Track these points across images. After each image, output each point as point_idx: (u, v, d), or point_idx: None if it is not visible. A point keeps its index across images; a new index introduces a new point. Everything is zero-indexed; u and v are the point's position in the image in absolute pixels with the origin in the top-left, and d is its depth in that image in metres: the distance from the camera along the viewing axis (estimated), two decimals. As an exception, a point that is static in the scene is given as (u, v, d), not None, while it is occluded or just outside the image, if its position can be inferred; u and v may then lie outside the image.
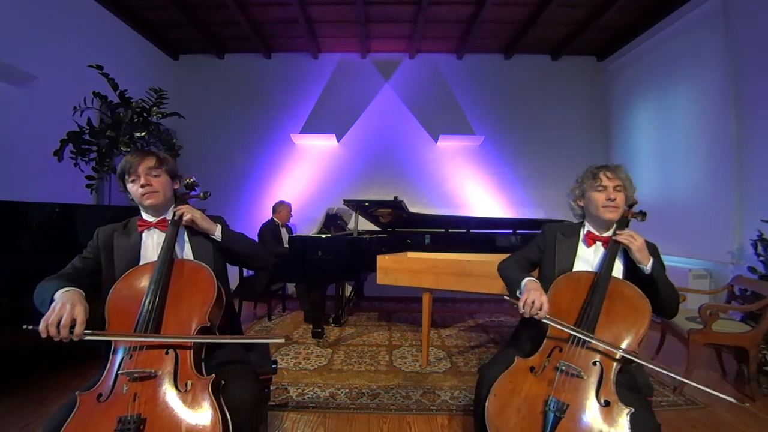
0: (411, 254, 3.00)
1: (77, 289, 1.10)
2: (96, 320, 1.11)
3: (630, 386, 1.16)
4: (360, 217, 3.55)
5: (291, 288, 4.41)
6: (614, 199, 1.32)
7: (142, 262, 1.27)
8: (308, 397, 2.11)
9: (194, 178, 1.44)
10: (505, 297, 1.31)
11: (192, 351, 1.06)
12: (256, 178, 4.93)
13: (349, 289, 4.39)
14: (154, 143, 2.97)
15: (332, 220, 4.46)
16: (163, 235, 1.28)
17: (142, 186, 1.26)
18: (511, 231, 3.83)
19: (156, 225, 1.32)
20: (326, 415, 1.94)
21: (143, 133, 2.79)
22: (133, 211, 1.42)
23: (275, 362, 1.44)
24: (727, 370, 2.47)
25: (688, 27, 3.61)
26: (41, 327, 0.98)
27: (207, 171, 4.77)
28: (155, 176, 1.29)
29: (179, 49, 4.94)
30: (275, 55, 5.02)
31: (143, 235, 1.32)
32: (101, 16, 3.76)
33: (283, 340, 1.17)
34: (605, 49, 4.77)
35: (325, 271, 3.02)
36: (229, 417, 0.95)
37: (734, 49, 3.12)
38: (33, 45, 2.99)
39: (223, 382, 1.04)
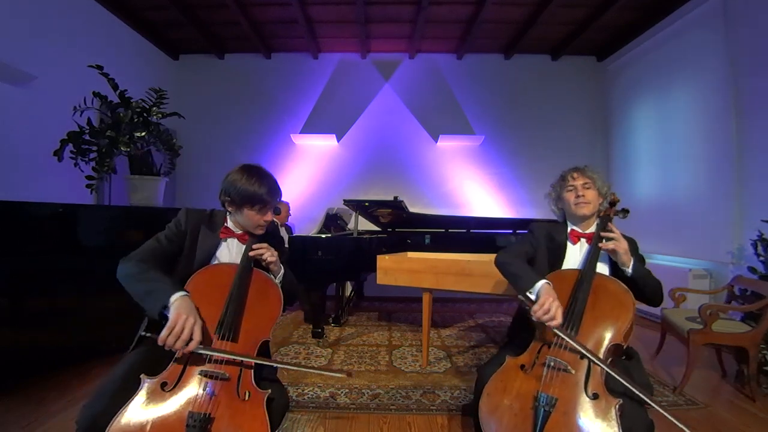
0: (411, 254, 3.00)
1: (188, 295, 1.09)
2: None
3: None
4: (360, 217, 3.55)
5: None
6: (583, 195, 1.42)
7: (214, 262, 1.29)
8: (308, 397, 2.11)
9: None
10: (519, 297, 1.29)
11: (255, 365, 1.09)
12: (256, 178, 4.92)
13: (349, 289, 4.39)
14: (154, 143, 2.97)
15: (332, 220, 4.46)
16: (239, 246, 1.34)
17: (266, 221, 1.32)
18: (511, 231, 3.83)
19: (238, 236, 1.35)
20: (326, 415, 1.94)
21: (143, 133, 2.79)
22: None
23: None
24: (727, 370, 2.47)
25: (688, 27, 3.61)
26: (163, 335, 0.98)
27: (207, 171, 4.78)
28: (274, 214, 1.36)
29: (179, 49, 4.94)
30: (275, 55, 5.02)
31: (222, 240, 1.34)
32: (101, 16, 3.76)
33: (344, 375, 1.26)
34: (605, 49, 4.77)
35: (325, 271, 3.02)
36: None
37: (734, 49, 3.12)
38: (33, 45, 2.99)
39: (272, 397, 1.07)
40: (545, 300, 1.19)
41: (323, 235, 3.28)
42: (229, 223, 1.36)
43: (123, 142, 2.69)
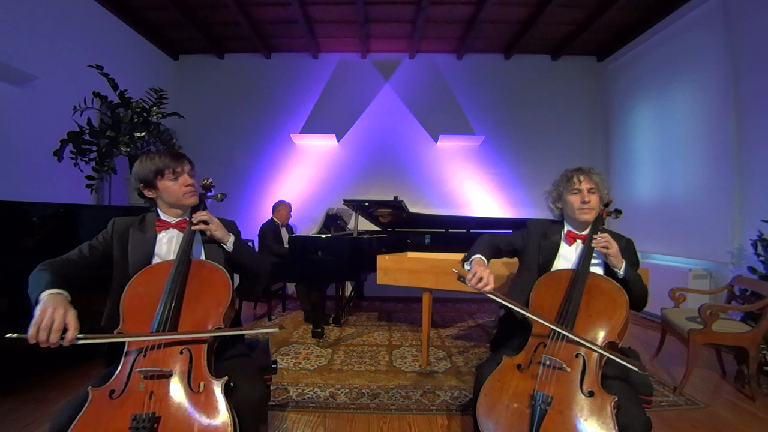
0: (411, 254, 3.00)
1: (63, 293, 1.05)
2: (100, 314, 1.10)
3: (622, 381, 1.16)
4: (360, 217, 3.54)
5: (291, 288, 4.41)
6: (588, 201, 1.40)
7: (155, 260, 1.28)
8: (308, 397, 2.11)
9: (211, 179, 1.46)
10: (453, 270, 1.35)
11: (205, 351, 1.06)
12: (256, 178, 4.93)
13: (349, 289, 4.39)
14: (154, 143, 2.97)
15: (332, 220, 4.46)
16: (178, 235, 1.32)
17: (189, 185, 1.30)
18: (511, 231, 3.81)
19: (175, 225, 1.33)
20: (326, 415, 1.94)
21: (143, 133, 2.79)
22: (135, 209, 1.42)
23: (275, 362, 1.45)
24: (727, 370, 2.47)
25: (688, 27, 3.61)
26: (31, 332, 0.94)
27: (207, 171, 4.73)
28: (192, 176, 1.35)
29: (179, 49, 4.95)
30: (275, 55, 5.02)
31: (158, 234, 1.33)
32: (101, 16, 3.76)
33: (276, 330, 1.18)
34: (605, 49, 4.77)
35: (325, 271, 3.02)
36: (236, 418, 0.96)
37: (734, 49, 3.12)
38: (33, 45, 2.99)
39: (232, 383, 1.04)
40: (475, 269, 1.26)
41: (323, 235, 3.28)
42: (162, 215, 1.34)
43: (123, 142, 2.69)
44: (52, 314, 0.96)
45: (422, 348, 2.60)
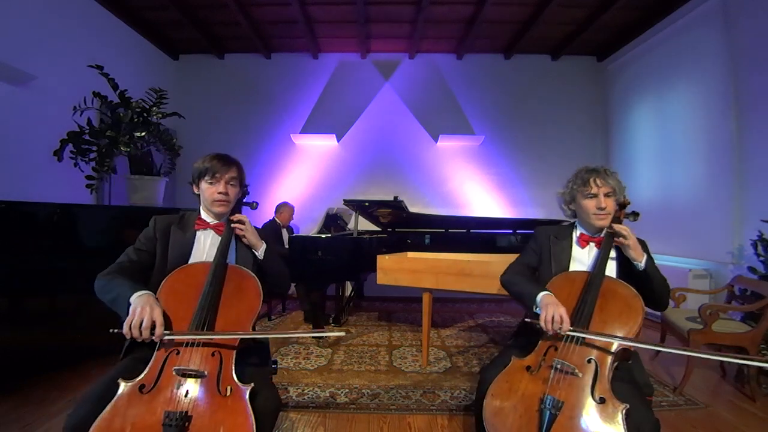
0: (411, 254, 3.00)
1: (149, 292, 1.12)
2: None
3: (629, 383, 1.16)
4: (360, 217, 3.54)
5: (291, 288, 4.40)
6: (605, 207, 1.33)
7: (192, 260, 1.31)
8: (308, 397, 2.11)
9: (248, 185, 1.50)
10: (527, 320, 1.27)
11: (234, 356, 1.09)
12: (256, 178, 4.92)
13: (349, 289, 4.39)
14: (154, 143, 2.96)
15: (332, 220, 4.46)
16: (215, 237, 1.35)
17: (220, 193, 1.31)
18: (511, 231, 3.83)
19: (213, 227, 1.36)
20: (326, 415, 1.94)
21: (143, 133, 2.79)
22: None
23: (275, 362, 1.44)
24: (727, 370, 2.47)
25: (688, 27, 3.61)
26: (125, 329, 1.03)
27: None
28: (232, 186, 1.35)
29: (179, 49, 4.94)
30: (275, 55, 5.02)
31: (198, 233, 1.35)
32: (101, 16, 3.76)
33: (343, 333, 1.22)
34: (605, 49, 4.76)
35: (325, 271, 3.02)
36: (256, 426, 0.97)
37: (734, 49, 3.12)
38: (33, 45, 2.99)
39: (256, 391, 1.05)
40: (548, 311, 1.18)
41: (323, 235, 3.28)
42: (202, 215, 1.38)
43: (123, 142, 2.68)
44: (141, 313, 1.04)
45: (422, 348, 2.60)
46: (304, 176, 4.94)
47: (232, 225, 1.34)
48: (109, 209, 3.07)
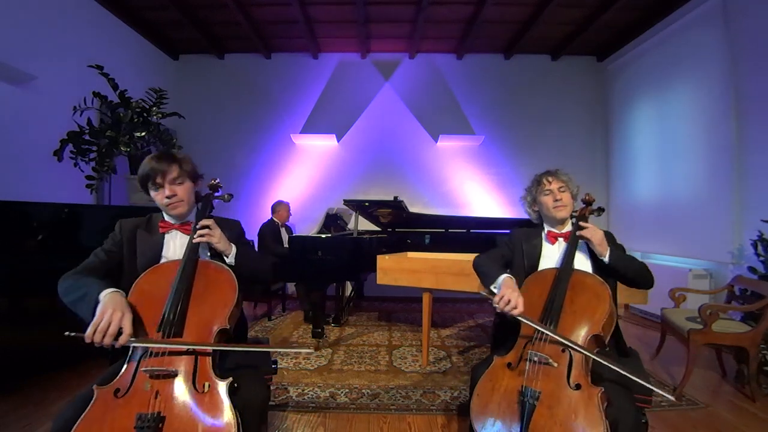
0: (411, 254, 3.00)
1: (120, 291, 1.08)
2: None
3: (618, 383, 1.16)
4: (360, 217, 3.54)
5: (291, 288, 4.41)
6: (560, 199, 1.47)
7: (163, 261, 1.28)
8: (308, 397, 2.11)
9: (218, 180, 1.45)
10: (481, 293, 1.35)
11: (211, 352, 1.07)
12: (255, 178, 4.93)
13: (349, 289, 4.39)
14: (154, 143, 2.97)
15: (332, 220, 4.46)
16: (185, 237, 1.31)
17: (167, 197, 1.26)
18: (510, 231, 3.82)
19: (178, 228, 1.33)
20: (326, 415, 1.94)
21: (143, 133, 2.79)
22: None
23: (275, 362, 1.44)
24: (727, 370, 2.47)
25: (688, 26, 3.61)
26: (89, 332, 0.97)
27: (207, 171, 4.65)
28: (179, 184, 1.28)
29: (179, 49, 4.94)
30: (275, 55, 5.02)
31: (165, 235, 1.32)
32: (101, 16, 3.76)
33: (312, 350, 1.20)
34: (605, 49, 4.77)
35: (325, 271, 3.02)
36: (240, 420, 0.96)
37: (734, 49, 3.11)
38: (33, 45, 2.99)
39: (236, 384, 1.04)
40: (504, 291, 1.25)
41: (323, 235, 3.28)
42: (165, 217, 1.34)
43: (123, 142, 2.69)
44: (110, 316, 0.99)
45: (422, 348, 2.60)
46: (304, 176, 4.94)
47: (195, 236, 1.24)
48: (109, 209, 3.07)
